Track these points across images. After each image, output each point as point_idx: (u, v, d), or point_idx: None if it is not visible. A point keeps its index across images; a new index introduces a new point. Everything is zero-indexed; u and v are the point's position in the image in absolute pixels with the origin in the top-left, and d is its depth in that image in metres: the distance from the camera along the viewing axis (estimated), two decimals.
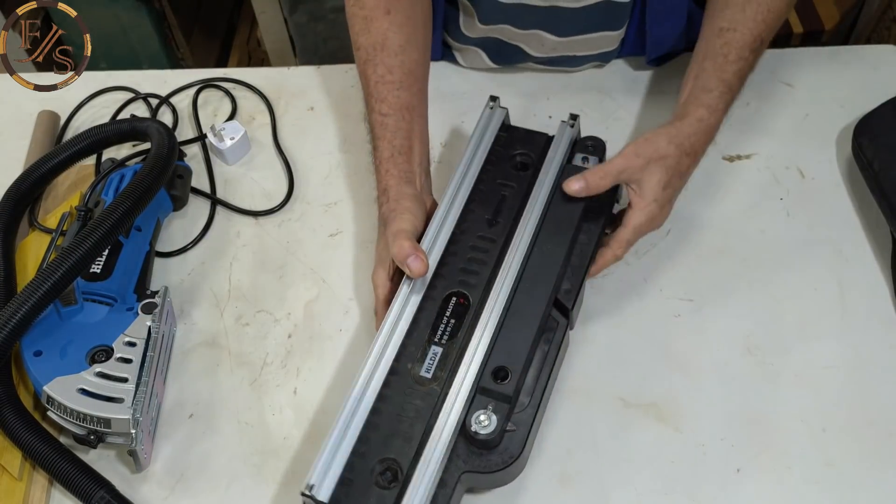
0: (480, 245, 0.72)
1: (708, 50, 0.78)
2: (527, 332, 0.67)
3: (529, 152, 0.77)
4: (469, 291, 0.70)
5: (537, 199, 0.73)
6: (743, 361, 0.75)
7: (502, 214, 0.74)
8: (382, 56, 0.79)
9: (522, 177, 0.76)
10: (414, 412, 0.64)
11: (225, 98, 0.96)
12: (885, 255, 0.80)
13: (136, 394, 0.67)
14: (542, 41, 0.89)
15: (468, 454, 0.63)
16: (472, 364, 0.65)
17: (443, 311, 0.69)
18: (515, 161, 0.77)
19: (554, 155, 0.76)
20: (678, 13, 0.90)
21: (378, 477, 0.62)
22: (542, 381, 0.66)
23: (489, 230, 0.73)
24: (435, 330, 0.68)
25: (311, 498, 0.61)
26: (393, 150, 0.76)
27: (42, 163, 0.82)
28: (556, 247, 0.71)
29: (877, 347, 0.75)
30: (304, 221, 0.86)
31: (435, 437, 0.62)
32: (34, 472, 0.69)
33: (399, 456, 0.62)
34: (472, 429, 0.62)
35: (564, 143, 0.77)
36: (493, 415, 0.62)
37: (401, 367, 0.66)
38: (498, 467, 0.62)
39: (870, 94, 0.89)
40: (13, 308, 0.65)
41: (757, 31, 0.77)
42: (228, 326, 0.79)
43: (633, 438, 0.71)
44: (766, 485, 0.68)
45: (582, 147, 0.77)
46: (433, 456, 0.61)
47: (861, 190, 0.85)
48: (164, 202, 0.84)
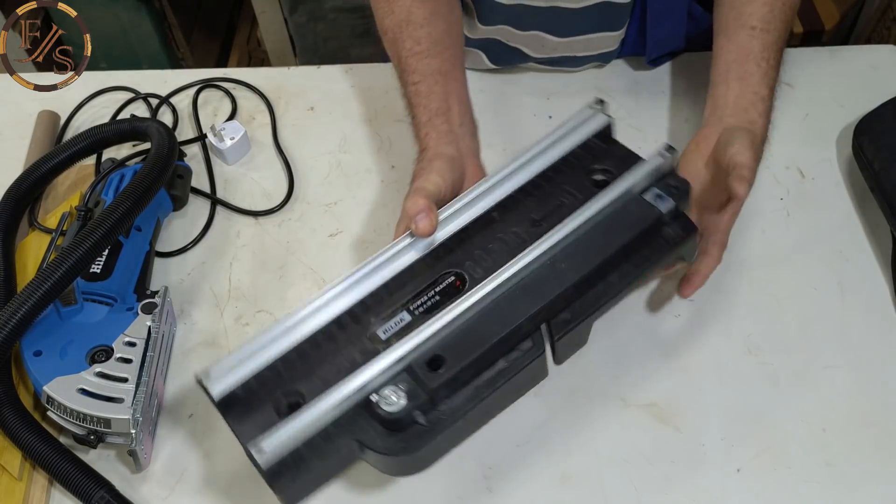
0: (508, 240, 0.66)
1: (745, 50, 0.76)
2: (487, 338, 0.60)
3: (614, 171, 0.69)
4: (469, 277, 0.64)
5: (581, 215, 0.65)
6: (743, 361, 0.75)
7: (549, 221, 0.66)
8: (408, 30, 0.78)
9: (592, 193, 0.67)
10: (348, 363, 0.60)
11: (225, 98, 0.97)
12: (885, 255, 0.80)
13: (136, 394, 0.67)
14: (542, 42, 0.89)
15: (367, 425, 0.58)
16: (417, 340, 0.60)
17: (434, 285, 0.64)
18: (594, 175, 0.69)
19: (629, 179, 0.67)
20: (678, 13, 0.90)
21: (281, 400, 0.59)
22: (480, 396, 0.59)
23: (527, 229, 0.66)
24: (416, 298, 0.63)
25: (203, 388, 0.58)
26: (430, 113, 0.74)
27: (42, 163, 0.82)
28: (570, 271, 0.63)
29: (877, 347, 0.75)
30: (304, 221, 0.86)
31: (342, 392, 0.58)
32: (34, 472, 0.69)
33: (308, 394, 0.59)
34: (374, 399, 0.57)
35: (647, 170, 0.67)
36: (402, 397, 0.57)
37: (363, 318, 0.63)
38: (385, 451, 0.57)
39: (870, 94, 0.89)
40: (13, 308, 0.65)
41: (784, 32, 0.77)
42: (228, 326, 0.79)
43: (633, 438, 0.71)
44: (766, 485, 0.68)
45: (664, 184, 0.67)
46: (330, 408, 0.57)
47: (861, 190, 0.85)
48: (164, 202, 0.84)
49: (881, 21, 1.52)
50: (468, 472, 0.70)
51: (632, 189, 0.66)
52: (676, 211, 0.66)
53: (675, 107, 0.93)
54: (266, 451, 0.56)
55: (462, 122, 0.75)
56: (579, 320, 0.63)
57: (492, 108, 0.93)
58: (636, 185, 0.66)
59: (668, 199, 0.66)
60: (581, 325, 0.63)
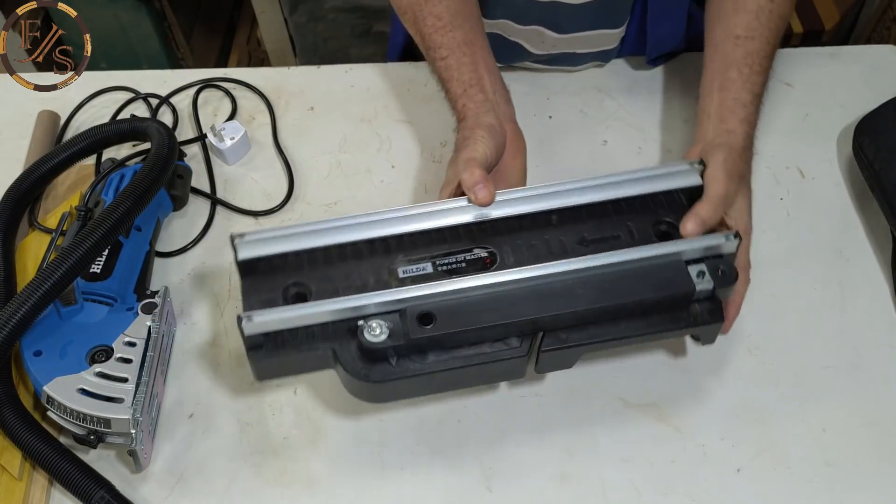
0: (552, 245, 0.67)
1: (729, 59, 0.76)
2: (483, 318, 0.62)
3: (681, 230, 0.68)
4: (500, 260, 0.66)
5: (624, 255, 0.65)
6: (743, 361, 0.75)
7: (596, 245, 0.67)
8: (427, 7, 0.78)
9: (648, 240, 0.67)
10: (360, 282, 0.64)
11: (225, 98, 0.97)
12: (886, 255, 0.80)
13: (136, 394, 0.67)
14: (543, 38, 0.89)
15: (347, 342, 0.62)
16: (423, 292, 0.62)
17: (466, 252, 0.66)
18: (660, 225, 0.69)
19: (683, 245, 0.66)
20: (679, 13, 0.90)
21: (291, 288, 0.64)
22: (450, 365, 0.62)
23: (573, 244, 0.67)
24: (445, 256, 0.66)
25: (232, 245, 0.65)
26: (464, 85, 0.75)
27: (42, 163, 0.82)
28: (583, 298, 0.63)
29: (877, 347, 0.75)
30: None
31: (340, 305, 0.62)
32: (34, 472, 0.69)
33: (314, 293, 0.63)
34: (360, 324, 0.61)
35: (705, 244, 0.66)
36: (385, 333, 0.61)
37: (393, 251, 0.66)
38: (351, 372, 0.61)
39: (870, 94, 0.89)
40: (13, 308, 0.65)
41: (773, 38, 0.77)
42: (228, 326, 0.79)
43: (633, 438, 0.71)
44: (766, 485, 0.68)
45: (714, 265, 0.65)
46: (324, 313, 0.62)
47: (861, 190, 0.85)
48: (164, 202, 0.84)
49: (881, 21, 1.52)
50: (468, 472, 0.70)
51: (681, 255, 0.66)
52: (712, 294, 0.66)
53: (675, 107, 0.93)
54: (254, 321, 0.61)
55: (495, 90, 0.76)
56: (569, 345, 0.64)
57: None
58: (687, 252, 0.66)
59: (708, 280, 0.65)
60: (570, 350, 0.65)
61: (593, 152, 0.89)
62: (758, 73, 0.75)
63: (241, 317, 0.61)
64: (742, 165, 0.71)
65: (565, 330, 0.64)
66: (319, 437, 0.72)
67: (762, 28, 0.76)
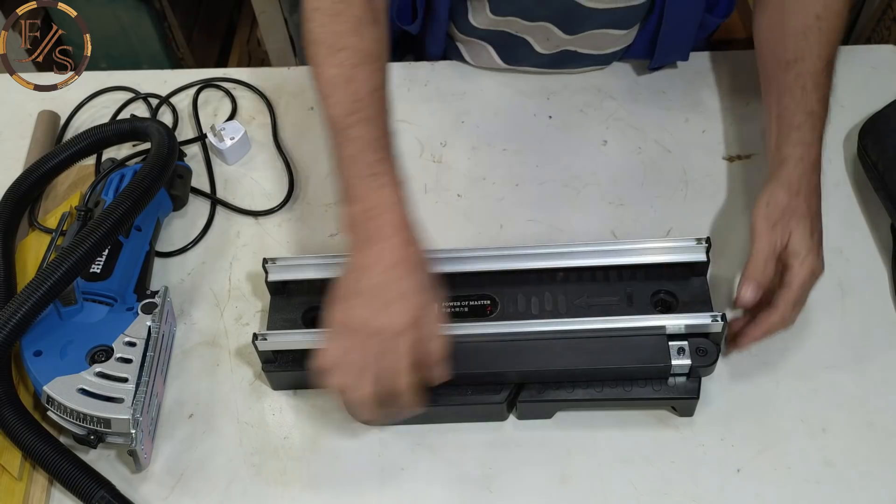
0: (552, 301, 0.73)
1: (781, 87, 0.76)
2: (470, 364, 0.68)
3: (676, 303, 0.73)
4: (501, 309, 0.72)
5: (614, 323, 0.70)
6: (743, 361, 0.75)
7: (593, 310, 0.72)
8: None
9: (644, 310, 0.72)
10: None
11: (225, 98, 0.96)
12: (887, 255, 0.80)
13: (136, 394, 0.67)
14: (549, 35, 0.89)
15: None
16: None
17: (470, 298, 0.73)
18: (659, 294, 0.73)
19: (669, 320, 0.70)
20: (690, 29, 0.90)
21: (309, 312, 0.73)
22: (434, 401, 0.67)
23: (571, 304, 0.72)
24: (452, 299, 0.73)
25: (265, 269, 0.74)
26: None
27: (42, 163, 0.83)
28: (564, 358, 0.69)
29: (877, 347, 0.75)
30: (304, 221, 0.86)
31: None
32: (34, 471, 0.69)
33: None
34: None
35: (689, 322, 0.69)
36: None
37: None
38: None
39: (871, 95, 0.89)
40: (13, 308, 0.65)
41: (824, 54, 0.76)
42: (228, 326, 0.79)
43: (633, 438, 0.71)
44: (766, 485, 0.68)
45: (695, 343, 0.69)
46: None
47: (864, 190, 0.85)
48: (164, 202, 0.84)
49: (881, 21, 1.52)
50: (468, 472, 0.70)
51: (664, 331, 0.69)
52: (690, 371, 0.69)
53: (675, 107, 0.93)
54: (268, 340, 0.70)
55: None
56: (544, 400, 0.69)
57: (492, 108, 0.93)
58: (672, 328, 0.69)
59: (686, 358, 0.69)
60: (545, 404, 0.70)
61: (593, 152, 0.89)
62: (811, 90, 0.74)
63: (256, 335, 0.70)
64: (790, 202, 0.71)
65: (545, 385, 0.69)
66: (319, 437, 0.72)
67: (812, 47, 0.75)
